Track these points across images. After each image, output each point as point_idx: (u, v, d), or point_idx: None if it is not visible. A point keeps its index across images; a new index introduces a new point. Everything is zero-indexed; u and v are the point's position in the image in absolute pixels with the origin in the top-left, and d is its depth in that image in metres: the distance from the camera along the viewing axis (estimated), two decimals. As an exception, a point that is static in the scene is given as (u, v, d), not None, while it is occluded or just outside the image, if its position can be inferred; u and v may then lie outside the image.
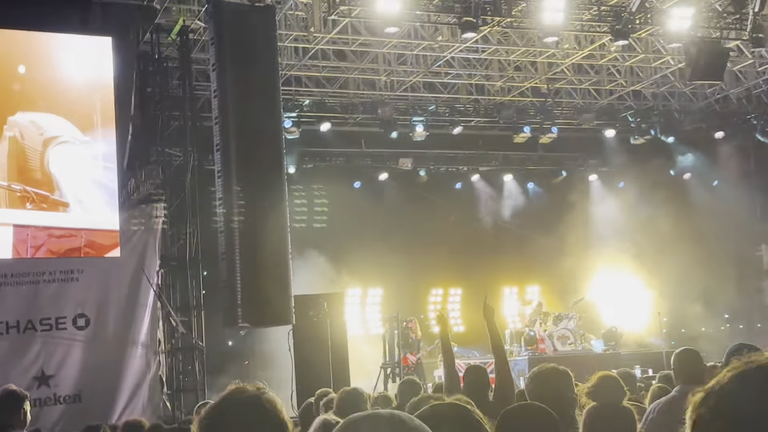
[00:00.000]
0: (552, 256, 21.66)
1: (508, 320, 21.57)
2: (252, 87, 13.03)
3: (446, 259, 20.96)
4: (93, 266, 13.65)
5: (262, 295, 12.62)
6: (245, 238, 12.61)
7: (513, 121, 20.10)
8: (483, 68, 18.90)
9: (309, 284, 18.28)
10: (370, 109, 19.11)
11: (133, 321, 14.17)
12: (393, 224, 20.57)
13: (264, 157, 13.05)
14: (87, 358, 13.61)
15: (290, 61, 17.13)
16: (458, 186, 22.23)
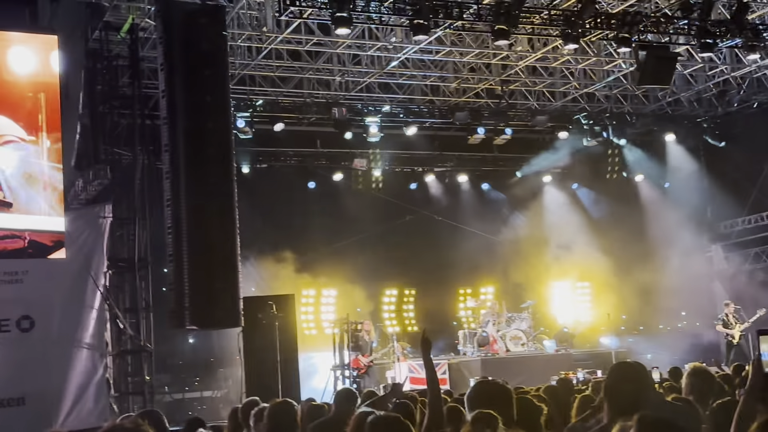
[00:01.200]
0: (506, 257, 21.82)
1: (462, 321, 21.68)
2: (201, 87, 12.91)
3: (401, 259, 21.03)
4: (38, 267, 13.42)
5: (210, 297, 12.52)
6: (193, 240, 12.50)
7: (468, 123, 20.15)
8: (438, 69, 18.92)
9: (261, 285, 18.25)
10: (325, 109, 19.05)
11: (79, 323, 13.98)
12: (347, 225, 20.54)
13: (213, 158, 12.94)
14: (31, 361, 13.37)
15: (243, 60, 17.02)
16: (413, 186, 22.25)
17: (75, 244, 13.72)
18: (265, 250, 18.68)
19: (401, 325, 21.48)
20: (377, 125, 19.61)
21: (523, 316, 19.71)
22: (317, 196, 21.09)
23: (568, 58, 18.33)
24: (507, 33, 14.04)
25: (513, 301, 20.78)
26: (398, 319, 21.70)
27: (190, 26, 12.90)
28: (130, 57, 15.26)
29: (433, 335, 20.69)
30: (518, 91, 20.28)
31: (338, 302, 20.32)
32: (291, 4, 13.21)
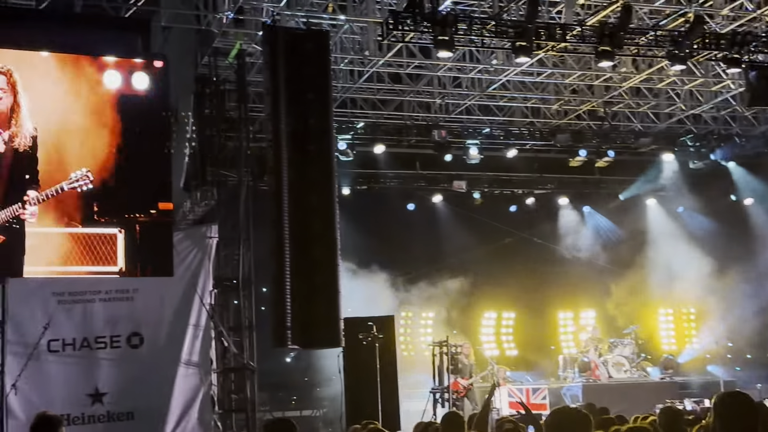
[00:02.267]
0: (608, 281, 21.43)
1: (562, 345, 21.36)
2: (305, 110, 13.19)
3: (500, 282, 20.87)
4: (148, 285, 13.86)
5: (312, 318, 12.70)
6: (295, 261, 12.71)
7: (569, 145, 19.94)
8: (539, 91, 18.81)
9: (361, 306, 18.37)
10: (425, 131, 19.14)
11: (185, 340, 14.35)
12: (446, 246, 20.52)
13: (315, 180, 13.17)
14: (140, 377, 13.80)
15: (345, 83, 17.27)
16: (513, 209, 22.11)
17: (183, 264, 14.11)
18: (365, 271, 18.82)
19: (500, 349, 21.30)
20: (477, 147, 19.59)
21: (625, 342, 19.31)
22: (416, 218, 21.16)
23: (674, 79, 17.96)
24: (611, 54, 13.86)
25: (615, 326, 20.38)
26: (497, 342, 21.52)
27: (295, 51, 13.20)
28: (237, 81, 15.67)
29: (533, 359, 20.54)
30: (621, 112, 19.96)
31: (436, 324, 20.29)
32: (394, 29, 13.34)
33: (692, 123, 20.38)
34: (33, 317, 13.29)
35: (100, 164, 12.19)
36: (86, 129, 12.30)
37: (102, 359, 13.84)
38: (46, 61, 12.31)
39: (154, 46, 14.30)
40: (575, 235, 22.12)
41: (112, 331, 13.92)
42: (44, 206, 11.77)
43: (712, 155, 20.54)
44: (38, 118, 11.94)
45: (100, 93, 12.46)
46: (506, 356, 20.88)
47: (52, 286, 13.44)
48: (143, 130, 12.68)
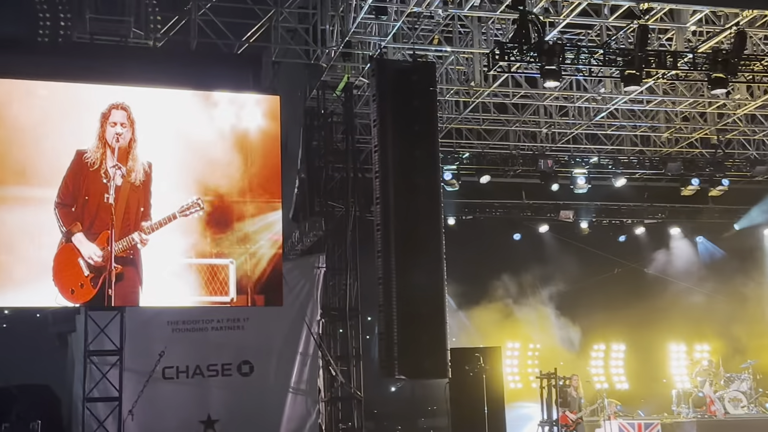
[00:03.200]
0: (723, 314, 20.70)
1: (675, 380, 20.72)
2: (412, 141, 13.30)
3: (609, 313, 20.40)
4: (257, 315, 14.16)
5: (419, 348, 12.71)
6: (402, 291, 12.77)
7: (680, 173, 19.47)
8: (648, 119, 18.46)
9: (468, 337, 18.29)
10: (531, 161, 19.00)
11: (294, 369, 14.58)
12: (553, 277, 20.25)
13: (422, 211, 13.24)
14: (250, 404, 14.07)
15: (451, 114, 17.33)
16: (622, 239, 21.67)
17: (292, 293, 14.36)
18: (471, 302, 18.75)
19: (609, 382, 20.79)
20: (584, 177, 19.32)
21: (743, 377, 18.55)
22: (523, 248, 20.96)
23: (791, 105, 17.37)
24: (725, 81, 13.51)
25: (731, 360, 19.63)
26: (606, 375, 21.03)
27: (402, 83, 13.35)
28: (344, 114, 15.94)
29: (644, 393, 19.97)
30: (736, 139, 19.39)
31: (542, 355, 19.98)
32: (500, 59, 13.34)
33: (812, 150, 19.63)
34: (149, 345, 13.73)
35: (213, 195, 12.55)
36: (201, 162, 12.70)
37: (214, 387, 14.18)
38: (162, 97, 12.79)
39: (264, 81, 14.69)
40: (687, 266, 21.50)
41: (223, 359, 14.26)
42: (159, 237, 12.18)
43: (833, 182, 19.69)
44: (152, 152, 12.38)
45: (213, 127, 12.87)
46: (616, 390, 20.36)
47: (167, 315, 13.88)
48: (254, 162, 13.01)
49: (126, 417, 12.75)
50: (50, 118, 12.11)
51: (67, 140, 12.13)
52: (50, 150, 12.04)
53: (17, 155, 11.90)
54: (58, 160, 12.03)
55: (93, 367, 12.81)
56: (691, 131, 18.84)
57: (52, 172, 11.96)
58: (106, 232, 11.96)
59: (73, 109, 12.25)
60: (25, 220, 11.79)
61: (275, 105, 13.47)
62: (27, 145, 11.96)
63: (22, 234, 11.78)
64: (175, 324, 14.07)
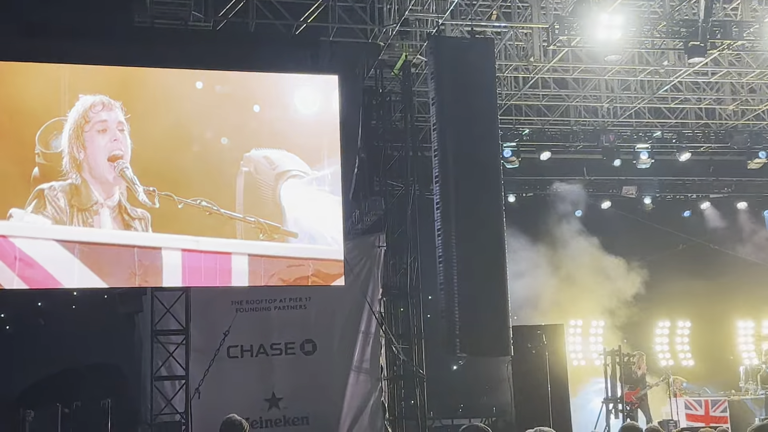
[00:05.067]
0: (792, 289, 20.25)
1: (743, 356, 20.37)
2: (471, 119, 13.21)
3: (674, 290, 20.09)
4: (319, 294, 14.28)
5: (480, 326, 12.68)
6: (463, 269, 12.73)
7: (747, 146, 19.04)
8: (713, 92, 18.07)
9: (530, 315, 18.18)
10: (592, 136, 18.76)
11: (356, 348, 14.67)
12: (617, 254, 20.01)
13: (482, 188, 13.16)
14: (314, 383, 14.22)
15: (510, 90, 17.17)
16: (686, 214, 21.29)
17: (353, 272, 14.41)
18: (533, 279, 18.58)
19: (675, 359, 20.53)
20: (647, 152, 19.01)
21: (814, 353, 18.18)
22: (585, 225, 20.72)
23: None
24: (793, 50, 13.16)
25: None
26: (671, 352, 20.76)
27: (460, 60, 13.25)
28: (402, 92, 15.91)
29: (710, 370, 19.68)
30: (804, 110, 18.89)
31: (606, 333, 19.78)
32: (560, 33, 13.16)
33: None
34: (214, 325, 13.93)
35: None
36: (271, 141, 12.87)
37: (277, 365, 14.36)
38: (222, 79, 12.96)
39: (323, 61, 14.72)
40: (754, 241, 21.05)
41: (286, 338, 14.42)
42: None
43: None
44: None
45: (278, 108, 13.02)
46: (682, 366, 20.09)
47: (231, 295, 14.06)
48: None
49: (193, 395, 12.99)
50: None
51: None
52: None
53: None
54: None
55: (160, 347, 13.07)
56: (757, 103, 18.40)
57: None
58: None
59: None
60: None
61: (334, 84, 13.52)
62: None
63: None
64: (239, 304, 14.25)
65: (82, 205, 11.92)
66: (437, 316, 13.40)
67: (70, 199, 11.91)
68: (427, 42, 13.78)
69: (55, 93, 12.11)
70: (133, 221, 12.13)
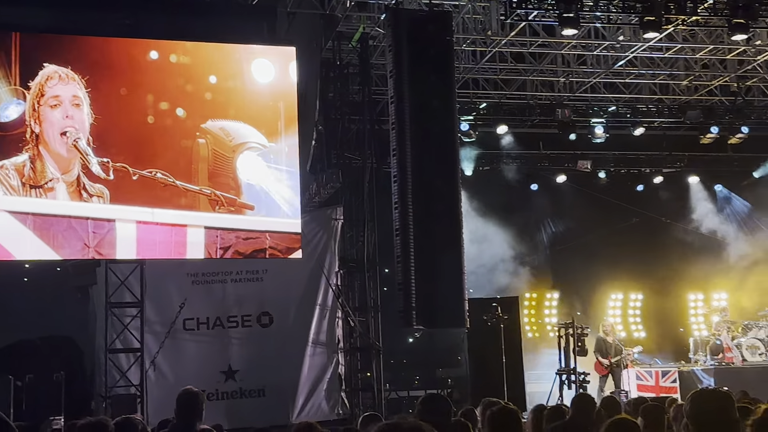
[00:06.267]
0: (741, 262, 20.66)
1: (692, 328, 20.77)
2: (428, 92, 13.20)
3: (627, 263, 20.40)
4: (276, 267, 14.27)
5: (437, 298, 12.76)
6: (420, 242, 12.79)
7: (700, 122, 19.29)
8: (668, 67, 18.26)
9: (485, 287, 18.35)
10: (548, 111, 18.87)
11: (313, 320, 14.71)
12: (570, 227, 20.23)
13: (439, 161, 13.19)
14: (270, 355, 14.25)
15: (467, 64, 17.19)
16: (640, 188, 21.56)
17: (310, 245, 14.44)
18: (489, 252, 18.74)
19: (627, 330, 20.88)
20: (603, 126, 19.19)
21: (761, 324, 18.59)
22: (540, 199, 20.92)
23: (813, 51, 17.12)
24: (746, 27, 13.34)
25: (750, 308, 19.65)
26: (624, 323, 21.11)
27: (417, 33, 13.20)
28: (360, 65, 15.85)
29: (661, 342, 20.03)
30: (756, 87, 19.16)
31: (561, 305, 20.06)
32: (517, 7, 13.20)
33: (833, 96, 19.40)
34: (169, 297, 13.88)
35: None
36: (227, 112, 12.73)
37: (234, 338, 14.35)
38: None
39: (279, 33, 14.61)
40: (706, 215, 21.40)
41: (243, 311, 14.41)
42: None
43: None
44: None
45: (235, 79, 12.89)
46: (634, 338, 20.43)
47: (187, 267, 13.99)
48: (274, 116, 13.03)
49: (148, 368, 12.94)
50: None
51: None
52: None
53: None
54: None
55: (114, 319, 12.99)
56: (710, 79, 18.62)
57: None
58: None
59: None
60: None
61: (291, 56, 13.44)
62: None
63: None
64: (195, 276, 14.20)
65: (37, 181, 11.74)
66: (394, 288, 13.46)
67: (24, 176, 11.71)
68: (385, 14, 13.73)
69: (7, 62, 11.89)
70: (91, 198, 11.98)
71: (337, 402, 14.64)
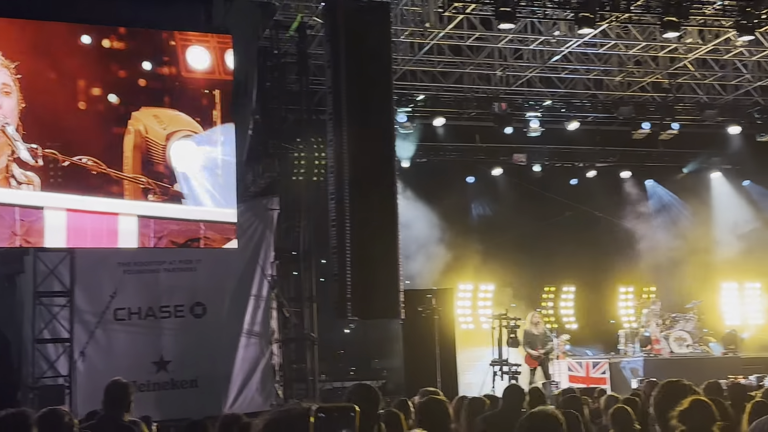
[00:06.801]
0: (671, 255, 21.11)
1: (623, 320, 21.17)
2: (366, 83, 13.21)
3: (560, 256, 20.69)
4: (211, 257, 14.12)
5: (372, 290, 12.80)
6: (356, 233, 12.81)
7: (632, 117, 19.63)
8: (601, 63, 18.53)
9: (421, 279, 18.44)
10: (485, 104, 19.00)
11: (247, 311, 14.59)
12: (506, 220, 20.44)
13: (376, 152, 13.23)
14: (203, 345, 14.10)
15: (405, 56, 17.21)
16: (573, 182, 21.88)
17: (245, 235, 14.32)
18: (424, 244, 18.83)
19: (559, 322, 21.18)
20: (538, 120, 19.39)
21: (688, 317, 19.05)
22: (476, 191, 21.09)
23: (741, 50, 17.54)
24: (677, 25, 13.61)
25: (678, 300, 20.11)
26: (556, 315, 21.42)
27: (356, 23, 13.21)
28: (298, 54, 15.75)
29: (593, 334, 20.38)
30: (686, 84, 19.57)
31: (495, 297, 20.25)
32: (455, 0, 13.26)
33: (759, 95, 19.89)
34: (100, 287, 13.63)
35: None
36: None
37: (166, 328, 14.16)
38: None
39: (216, 20, 14.44)
40: (637, 209, 21.81)
41: (176, 301, 14.22)
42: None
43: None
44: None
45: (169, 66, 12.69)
46: (566, 330, 20.73)
47: (118, 256, 13.76)
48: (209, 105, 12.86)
49: (77, 358, 12.71)
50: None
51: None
52: None
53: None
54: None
55: (43, 309, 12.72)
56: (643, 75, 18.95)
57: None
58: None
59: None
60: None
61: (228, 44, 13.30)
62: None
63: None
64: (127, 265, 13.96)
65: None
66: (330, 279, 13.46)
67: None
68: (323, 4, 13.68)
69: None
70: (20, 185, 11.69)
71: (270, 393, 14.55)
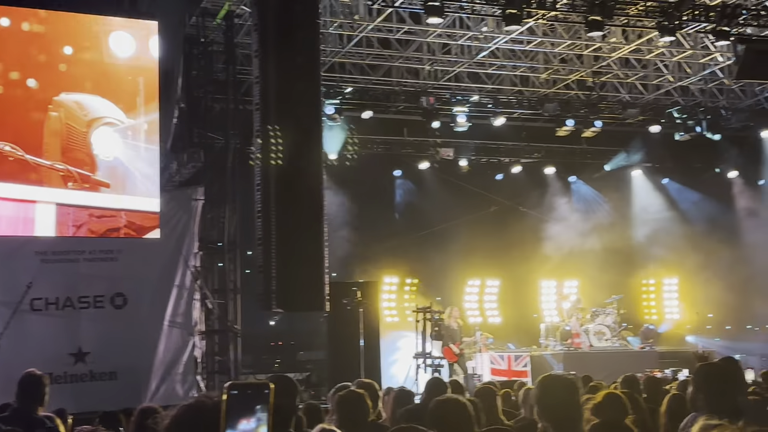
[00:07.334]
0: (592, 251, 21.53)
1: (545, 314, 21.50)
2: (293, 73, 13.10)
3: (485, 250, 20.90)
4: (132, 247, 13.85)
5: (297, 282, 12.73)
6: (281, 224, 12.72)
7: (557, 114, 19.92)
8: (528, 60, 18.77)
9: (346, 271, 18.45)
10: (413, 98, 19.07)
11: (169, 302, 14.39)
12: (432, 213, 20.56)
13: (303, 144, 13.13)
14: (123, 337, 13.83)
15: (334, 48, 17.17)
16: (499, 177, 22.12)
17: (168, 225, 14.09)
18: (351, 237, 18.85)
19: (483, 316, 21.42)
20: (465, 115, 19.53)
21: (608, 311, 19.44)
22: (403, 185, 21.16)
23: (662, 51, 17.96)
24: (601, 24, 13.86)
25: (598, 295, 20.51)
26: (480, 309, 21.64)
27: (284, 13, 13.07)
28: (225, 43, 15.58)
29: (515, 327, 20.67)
30: (610, 83, 19.96)
31: (420, 290, 20.36)
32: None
33: (680, 95, 20.42)
34: (16, 276, 13.25)
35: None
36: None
37: (85, 319, 13.86)
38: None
39: (141, 6, 14.17)
40: (560, 205, 22.18)
41: (95, 291, 13.91)
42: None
43: (698, 128, 20.53)
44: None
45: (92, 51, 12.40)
46: (489, 323, 20.98)
47: (35, 245, 13.39)
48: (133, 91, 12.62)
49: (-9, 349, 12.35)
50: None
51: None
52: None
53: None
54: None
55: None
56: (568, 73, 19.27)
57: None
58: None
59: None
60: None
61: (153, 30, 13.05)
62: None
63: None
64: (44, 255, 13.59)
65: None
66: (255, 271, 13.35)
67: None
68: (251, -7, 13.54)
69: None
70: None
71: (192, 385, 14.38)
